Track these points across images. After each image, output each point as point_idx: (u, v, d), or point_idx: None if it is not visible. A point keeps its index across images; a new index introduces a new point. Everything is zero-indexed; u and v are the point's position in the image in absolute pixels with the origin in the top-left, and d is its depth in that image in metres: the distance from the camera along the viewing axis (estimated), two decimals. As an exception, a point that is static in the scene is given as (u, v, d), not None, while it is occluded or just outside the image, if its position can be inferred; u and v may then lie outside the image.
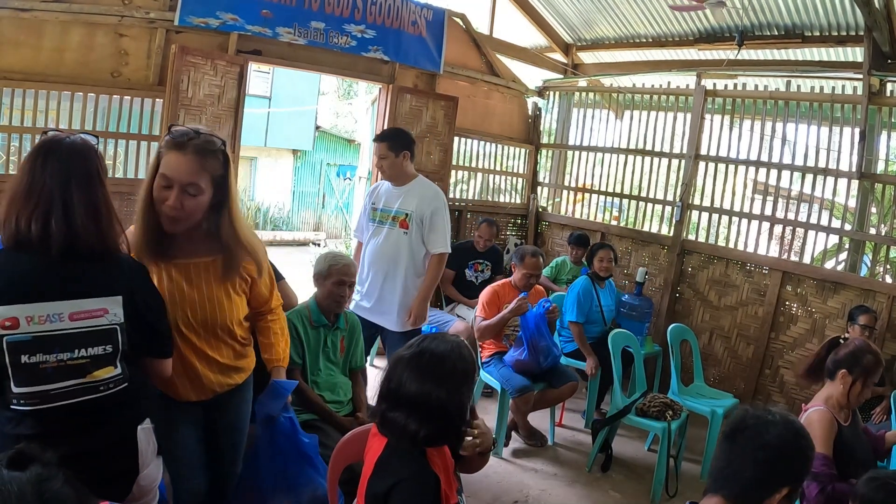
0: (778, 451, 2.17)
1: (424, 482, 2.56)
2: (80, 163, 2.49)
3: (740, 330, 7.90)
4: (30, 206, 2.38)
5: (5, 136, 6.28)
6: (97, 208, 2.48)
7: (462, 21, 9.00)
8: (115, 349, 2.54)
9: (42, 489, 1.61)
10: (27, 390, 2.39)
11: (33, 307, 2.36)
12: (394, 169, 5.55)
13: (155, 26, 6.63)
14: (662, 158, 8.85)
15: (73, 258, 2.42)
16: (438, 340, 2.72)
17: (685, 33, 8.81)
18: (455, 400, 2.61)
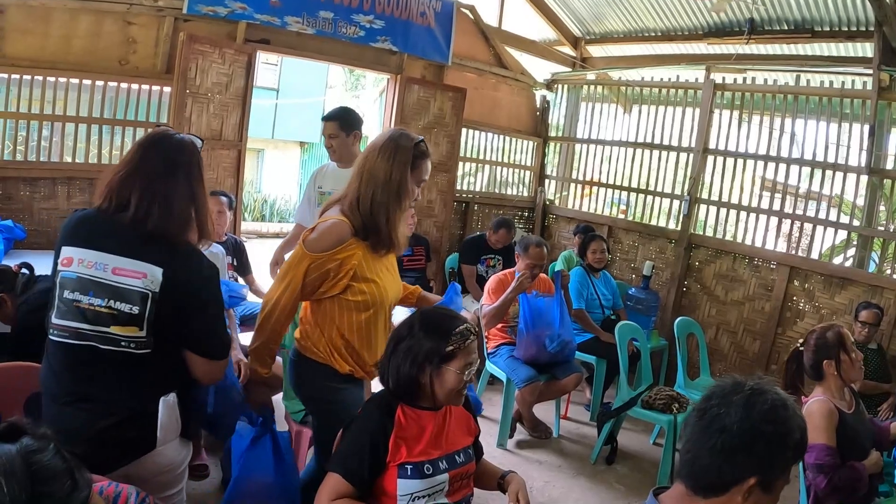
0: (738, 439, 1.91)
1: (370, 419, 2.84)
2: (180, 156, 2.76)
3: (747, 325, 7.88)
4: (128, 181, 2.66)
5: (13, 122, 6.29)
6: (179, 198, 2.72)
7: (471, 13, 9.01)
8: (141, 312, 2.64)
9: (31, 461, 1.60)
10: (62, 323, 2.63)
11: (87, 252, 2.63)
12: (343, 148, 5.50)
13: (163, 14, 6.66)
14: (670, 152, 8.83)
15: (140, 230, 2.64)
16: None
17: (694, 27, 8.76)
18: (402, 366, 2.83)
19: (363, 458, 2.75)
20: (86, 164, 6.61)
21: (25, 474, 1.57)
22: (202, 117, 6.80)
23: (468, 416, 3.09)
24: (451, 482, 2.84)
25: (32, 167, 6.38)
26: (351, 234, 3.23)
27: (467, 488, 2.98)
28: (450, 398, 2.87)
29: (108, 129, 6.72)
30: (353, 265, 3.24)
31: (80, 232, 2.70)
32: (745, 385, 1.95)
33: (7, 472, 1.55)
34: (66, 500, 1.63)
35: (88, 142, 6.57)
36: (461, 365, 2.81)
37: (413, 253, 7.66)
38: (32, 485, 1.57)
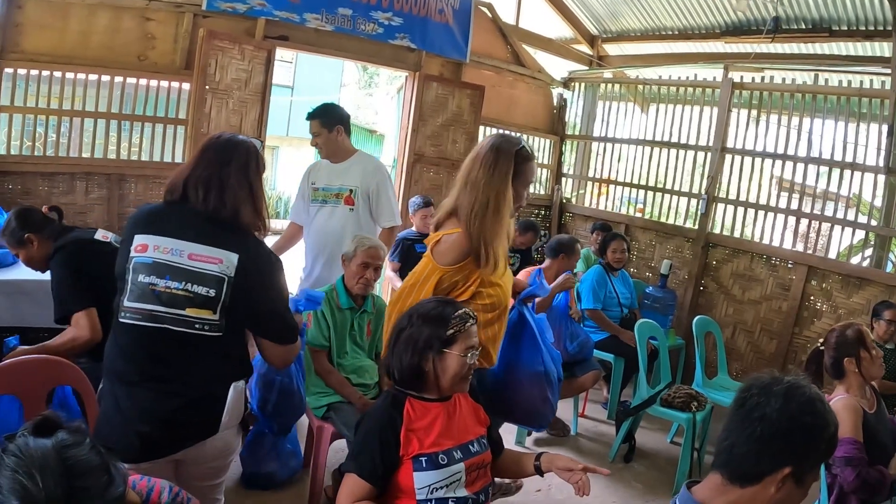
0: (777, 426, 1.95)
1: (379, 415, 2.89)
2: (243, 155, 2.95)
3: (763, 324, 7.85)
4: (196, 176, 2.85)
5: (32, 117, 6.33)
6: (243, 192, 2.90)
7: (489, 10, 9.00)
8: (217, 296, 2.76)
9: (67, 455, 1.59)
10: (135, 305, 2.72)
11: (162, 239, 2.76)
12: (329, 145, 5.50)
13: (182, 10, 6.68)
14: (688, 151, 8.81)
15: (212, 220, 2.82)
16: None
17: (712, 26, 8.74)
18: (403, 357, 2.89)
19: (375, 453, 2.77)
20: (104, 160, 6.63)
21: (61, 469, 1.56)
22: (221, 113, 6.81)
23: (477, 406, 3.11)
24: (467, 472, 2.84)
25: (50, 162, 6.40)
26: (468, 253, 3.42)
27: (485, 479, 2.97)
28: (454, 384, 2.89)
29: (127, 125, 6.71)
30: (479, 273, 3.47)
31: (153, 221, 2.84)
32: (783, 378, 2.00)
33: (42, 467, 1.54)
34: (102, 496, 1.61)
35: (107, 137, 6.58)
36: (463, 348, 2.85)
37: (430, 250, 7.59)
38: (68, 480, 1.55)
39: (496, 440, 3.14)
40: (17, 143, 6.40)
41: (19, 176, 6.20)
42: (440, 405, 2.92)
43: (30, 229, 4.12)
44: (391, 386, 3.03)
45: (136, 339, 2.75)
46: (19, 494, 1.51)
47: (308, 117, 5.59)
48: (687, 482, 2.14)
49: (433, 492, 2.75)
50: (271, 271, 2.93)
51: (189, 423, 2.73)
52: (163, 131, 6.85)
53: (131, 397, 2.72)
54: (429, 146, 8.56)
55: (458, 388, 2.94)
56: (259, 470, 4.64)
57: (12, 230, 4.13)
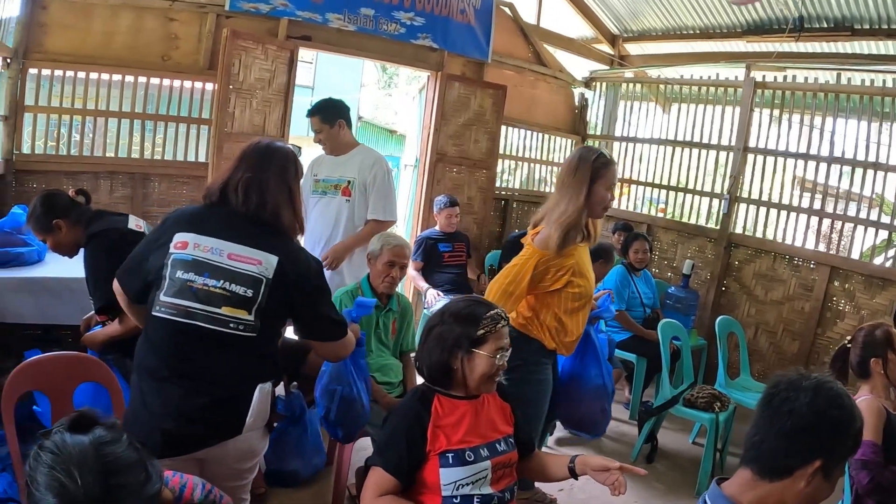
0: (806, 420, 1.98)
1: (407, 410, 2.94)
2: (282, 160, 3.08)
3: (786, 325, 7.80)
4: (237, 179, 2.95)
5: (56, 117, 6.38)
6: (283, 195, 3.01)
7: (510, 10, 9.01)
8: (254, 297, 2.82)
9: (105, 452, 1.60)
10: (170, 300, 2.78)
11: (203, 238, 2.84)
12: (331, 140, 5.59)
13: (205, 11, 6.72)
14: (710, 151, 8.78)
15: (252, 222, 2.92)
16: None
17: (733, 25, 8.70)
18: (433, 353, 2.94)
19: (401, 448, 2.79)
20: (128, 159, 6.68)
21: (99, 466, 1.57)
22: (245, 113, 6.83)
23: (505, 405, 3.12)
24: (493, 470, 2.85)
25: (74, 161, 6.46)
26: (562, 239, 3.89)
27: (510, 478, 2.98)
28: (481, 384, 2.91)
29: (151, 125, 6.76)
30: (571, 264, 3.98)
31: (194, 221, 2.93)
32: (810, 375, 2.04)
33: (81, 464, 1.55)
34: (140, 493, 1.62)
35: (131, 137, 6.63)
36: (493, 349, 2.86)
37: (453, 249, 7.66)
38: (106, 477, 1.56)
39: (525, 441, 3.14)
40: (42, 142, 6.45)
41: (43, 175, 6.25)
42: (468, 403, 2.94)
43: (57, 215, 4.08)
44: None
45: (167, 334, 2.79)
46: (57, 491, 1.52)
47: (308, 114, 5.68)
48: (717, 478, 2.15)
49: (459, 488, 2.76)
50: (311, 275, 2.98)
51: (213, 421, 2.75)
52: (186, 131, 6.91)
53: (158, 393, 2.76)
54: (451, 146, 8.56)
55: (484, 388, 2.96)
56: (283, 467, 4.66)
57: (38, 216, 4.09)
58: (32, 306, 5.19)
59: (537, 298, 4.11)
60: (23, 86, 6.14)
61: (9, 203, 5.96)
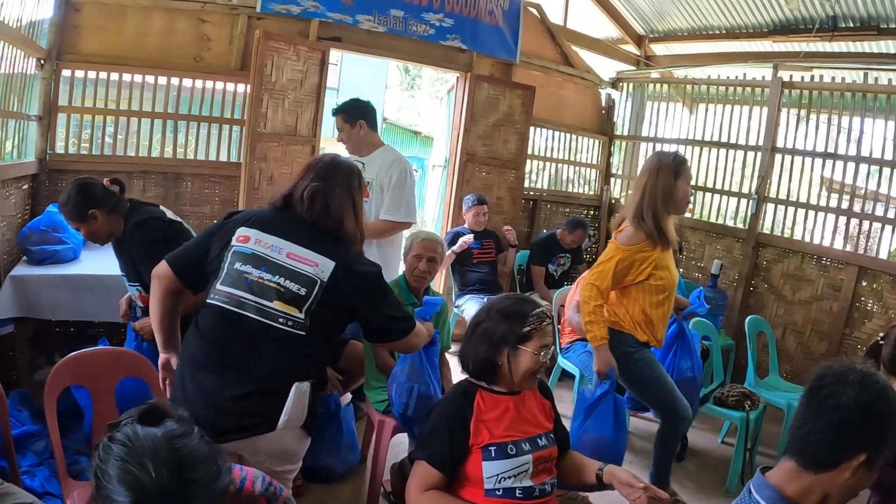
0: (853, 413, 1.96)
1: (450, 405, 3.01)
2: (347, 173, 3.23)
3: (814, 325, 7.76)
4: (303, 187, 3.10)
5: (89, 118, 6.46)
6: (347, 204, 3.15)
7: (537, 11, 9.02)
8: (306, 296, 2.90)
9: (178, 445, 1.61)
10: (226, 289, 2.91)
11: (265, 235, 2.98)
12: (351, 140, 5.58)
13: (237, 12, 6.79)
14: (737, 151, 8.74)
15: (315, 227, 3.05)
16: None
17: (760, 24, 8.67)
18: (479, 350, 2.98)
19: (445, 442, 2.85)
20: (160, 159, 6.77)
21: (173, 459, 1.57)
22: (277, 113, 6.88)
23: (546, 401, 3.17)
24: (534, 464, 2.89)
25: (107, 161, 6.53)
26: (644, 238, 4.30)
27: (550, 473, 3.01)
28: (525, 379, 2.95)
29: (183, 125, 6.83)
30: (654, 258, 4.32)
31: (258, 219, 3.07)
32: (855, 367, 2.02)
33: (154, 457, 1.55)
34: (211, 486, 1.63)
35: (164, 137, 6.69)
36: (537, 346, 2.91)
37: (482, 246, 7.71)
38: (180, 470, 1.56)
39: (562, 439, 3.17)
40: (75, 142, 6.50)
41: (77, 174, 6.26)
42: (510, 398, 2.98)
43: (93, 204, 4.14)
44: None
45: (216, 322, 2.90)
46: (130, 484, 1.52)
47: (333, 113, 5.70)
48: (761, 467, 2.17)
49: (501, 481, 2.80)
50: (370, 280, 3.05)
51: (245, 413, 2.78)
52: (218, 131, 6.98)
53: (195, 381, 2.82)
54: (480, 146, 8.58)
55: (527, 385, 3.00)
56: (318, 463, 4.68)
57: (74, 205, 4.14)
58: (68, 302, 5.28)
59: (624, 294, 4.47)
60: (56, 87, 6.22)
61: (43, 202, 6.05)
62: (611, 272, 4.31)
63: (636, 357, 4.49)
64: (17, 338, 5.35)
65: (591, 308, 4.31)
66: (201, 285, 3.08)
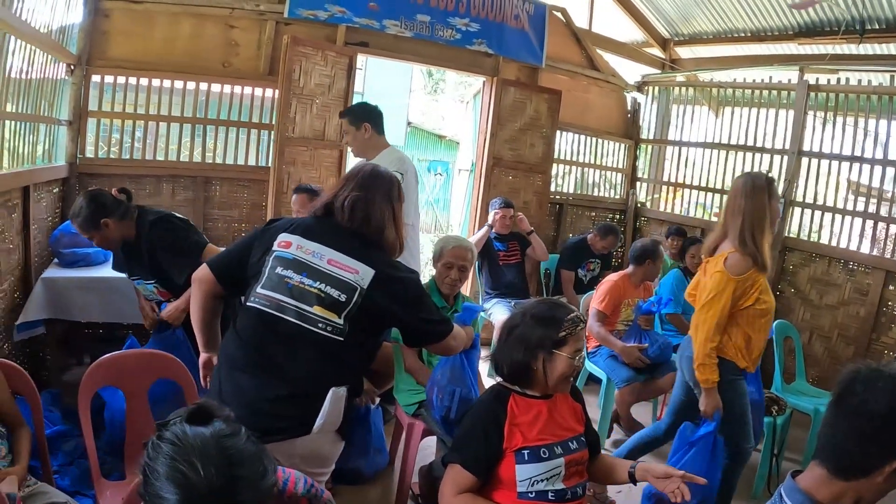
0: (884, 421, 1.92)
1: (484, 409, 3.02)
2: (387, 183, 3.27)
3: (841, 330, 7.69)
4: (343, 197, 3.13)
5: (119, 122, 6.56)
6: (387, 214, 3.20)
7: (562, 15, 9.02)
8: (346, 302, 2.91)
9: (226, 445, 1.63)
10: (266, 293, 2.94)
11: (306, 241, 3.02)
12: (356, 142, 5.61)
13: (265, 18, 6.84)
14: (763, 155, 8.69)
15: (355, 236, 3.08)
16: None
17: (785, 27, 8.64)
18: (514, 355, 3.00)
19: (479, 445, 2.87)
20: (189, 163, 6.86)
21: (222, 458, 1.60)
22: (306, 118, 6.92)
23: (576, 405, 3.18)
24: (566, 467, 2.90)
25: (137, 165, 6.63)
26: (752, 263, 4.13)
27: (582, 476, 3.03)
28: (559, 383, 2.98)
29: (212, 129, 6.94)
30: (760, 282, 4.19)
31: (300, 225, 3.11)
32: (884, 371, 1.97)
33: (203, 456, 1.58)
34: (258, 485, 1.65)
35: (193, 141, 6.77)
36: (572, 350, 2.93)
37: (508, 248, 7.71)
38: (229, 468, 1.59)
39: (593, 442, 3.18)
40: (105, 146, 6.56)
41: (107, 178, 6.38)
42: (543, 402, 3.00)
43: (104, 213, 4.31)
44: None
45: (255, 324, 2.94)
46: (179, 482, 1.55)
47: (339, 116, 5.82)
48: (791, 472, 2.15)
49: (534, 484, 2.82)
50: (408, 287, 3.08)
51: (281, 416, 2.79)
52: (246, 135, 7.05)
53: (233, 382, 2.86)
54: (507, 150, 8.60)
55: (561, 388, 3.02)
56: (346, 465, 4.70)
57: (86, 216, 4.29)
58: (98, 304, 5.36)
59: (728, 320, 4.28)
60: (86, 92, 6.32)
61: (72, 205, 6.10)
62: (728, 307, 4.18)
63: (737, 386, 4.38)
64: (47, 339, 5.44)
65: (708, 351, 4.20)
66: (241, 289, 3.12)
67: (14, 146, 5.04)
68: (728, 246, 4.23)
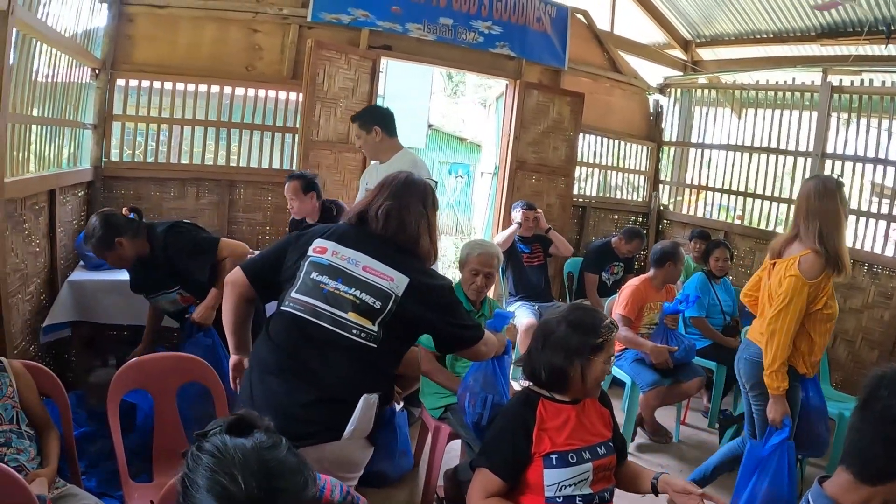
0: None
1: (513, 413, 3.04)
2: (422, 191, 3.23)
3: (865, 333, 7.65)
4: (378, 206, 3.12)
5: (144, 126, 6.64)
6: (423, 222, 3.16)
7: (584, 17, 9.04)
8: (381, 309, 2.89)
9: (267, 457, 1.61)
10: (301, 297, 2.93)
11: (342, 248, 3.00)
12: (367, 146, 5.63)
13: (288, 22, 6.89)
14: (787, 157, 8.65)
15: (389, 244, 3.06)
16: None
17: (807, 28, 8.59)
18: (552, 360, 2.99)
19: (508, 450, 2.87)
20: (213, 166, 6.92)
21: (263, 470, 1.58)
22: (329, 121, 6.97)
23: (605, 410, 3.18)
24: (594, 472, 2.91)
25: (162, 168, 6.66)
26: (825, 266, 4.10)
27: (609, 481, 3.03)
28: (594, 388, 3.01)
29: (236, 133, 6.97)
30: (829, 286, 4.18)
31: (335, 231, 3.10)
32: None
33: (244, 468, 1.56)
34: (299, 497, 1.63)
35: (217, 144, 6.80)
36: (607, 357, 2.97)
37: (531, 251, 7.67)
38: (270, 481, 1.57)
39: (620, 447, 3.18)
40: (129, 150, 6.60)
41: (132, 182, 6.43)
42: (572, 407, 3.00)
43: (118, 233, 4.38)
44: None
45: (288, 329, 2.92)
46: (219, 494, 1.54)
47: (351, 120, 5.82)
48: (819, 477, 2.15)
49: (561, 489, 2.82)
50: (443, 293, 3.08)
51: (312, 421, 2.77)
52: (270, 139, 7.08)
53: (264, 386, 2.85)
54: (530, 153, 8.63)
55: (593, 393, 3.05)
56: (371, 469, 4.68)
57: (100, 237, 4.37)
58: (124, 307, 5.39)
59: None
60: (111, 96, 6.37)
61: (98, 209, 6.08)
62: (803, 312, 4.14)
63: (793, 393, 4.29)
64: (72, 340, 5.49)
65: (783, 360, 4.14)
66: (273, 294, 3.14)
67: (40, 150, 5.09)
68: (800, 248, 4.21)
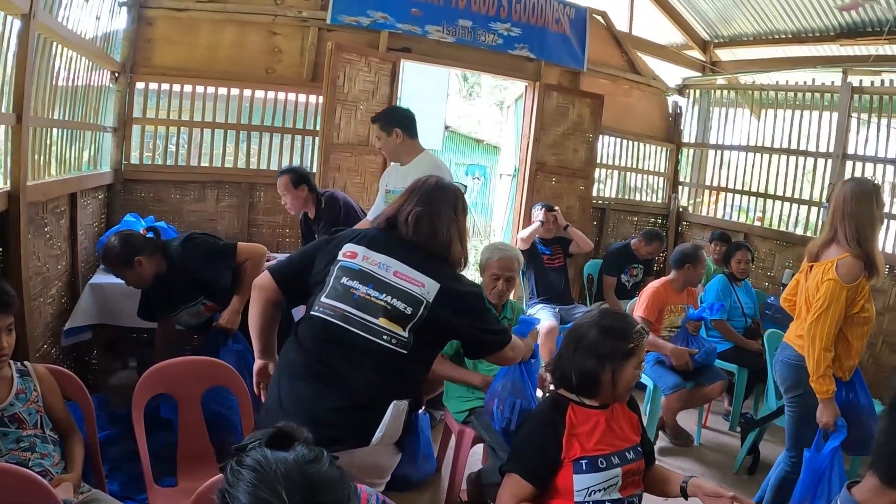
0: None
1: (542, 418, 3.04)
2: (451, 196, 3.24)
3: (886, 336, 7.59)
4: (407, 211, 3.11)
5: (164, 129, 6.65)
6: (453, 227, 3.16)
7: (603, 19, 9.03)
8: (412, 315, 2.88)
9: (310, 470, 1.57)
10: (331, 303, 2.92)
11: (372, 253, 3.00)
12: (388, 148, 5.59)
13: (307, 25, 6.90)
14: (807, 158, 8.61)
15: (420, 249, 3.06)
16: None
17: (827, 28, 8.55)
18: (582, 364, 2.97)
19: (538, 455, 2.87)
20: (234, 169, 6.92)
21: (306, 485, 1.54)
22: (350, 124, 6.97)
23: (633, 415, 3.17)
24: (623, 477, 2.89)
25: (182, 171, 6.69)
26: (863, 269, 4.06)
27: (638, 486, 3.03)
28: (623, 393, 3.01)
29: (256, 136, 7.00)
30: (867, 289, 4.13)
31: (366, 236, 3.10)
32: None
33: (287, 482, 1.52)
34: None
35: (237, 147, 6.81)
36: (637, 362, 2.96)
37: (552, 252, 7.63)
38: (313, 495, 1.54)
39: (648, 452, 3.18)
40: (149, 153, 6.62)
41: (152, 185, 6.45)
42: (601, 412, 2.99)
43: (137, 252, 4.42)
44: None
45: (318, 333, 2.91)
46: None
47: (371, 121, 5.79)
48: (847, 483, 2.14)
49: (591, 494, 2.81)
50: (472, 300, 3.07)
51: (340, 426, 2.75)
52: (291, 141, 7.10)
53: (292, 391, 2.84)
54: (550, 155, 8.63)
55: (623, 398, 3.05)
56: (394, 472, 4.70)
57: (118, 255, 4.42)
58: (143, 311, 5.37)
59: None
60: (131, 99, 6.41)
61: (118, 212, 6.20)
62: (842, 315, 4.09)
63: (814, 400, 4.22)
64: (93, 343, 5.50)
65: (828, 363, 4.09)
66: (301, 298, 3.14)
67: (61, 153, 5.11)
68: (837, 251, 4.17)
